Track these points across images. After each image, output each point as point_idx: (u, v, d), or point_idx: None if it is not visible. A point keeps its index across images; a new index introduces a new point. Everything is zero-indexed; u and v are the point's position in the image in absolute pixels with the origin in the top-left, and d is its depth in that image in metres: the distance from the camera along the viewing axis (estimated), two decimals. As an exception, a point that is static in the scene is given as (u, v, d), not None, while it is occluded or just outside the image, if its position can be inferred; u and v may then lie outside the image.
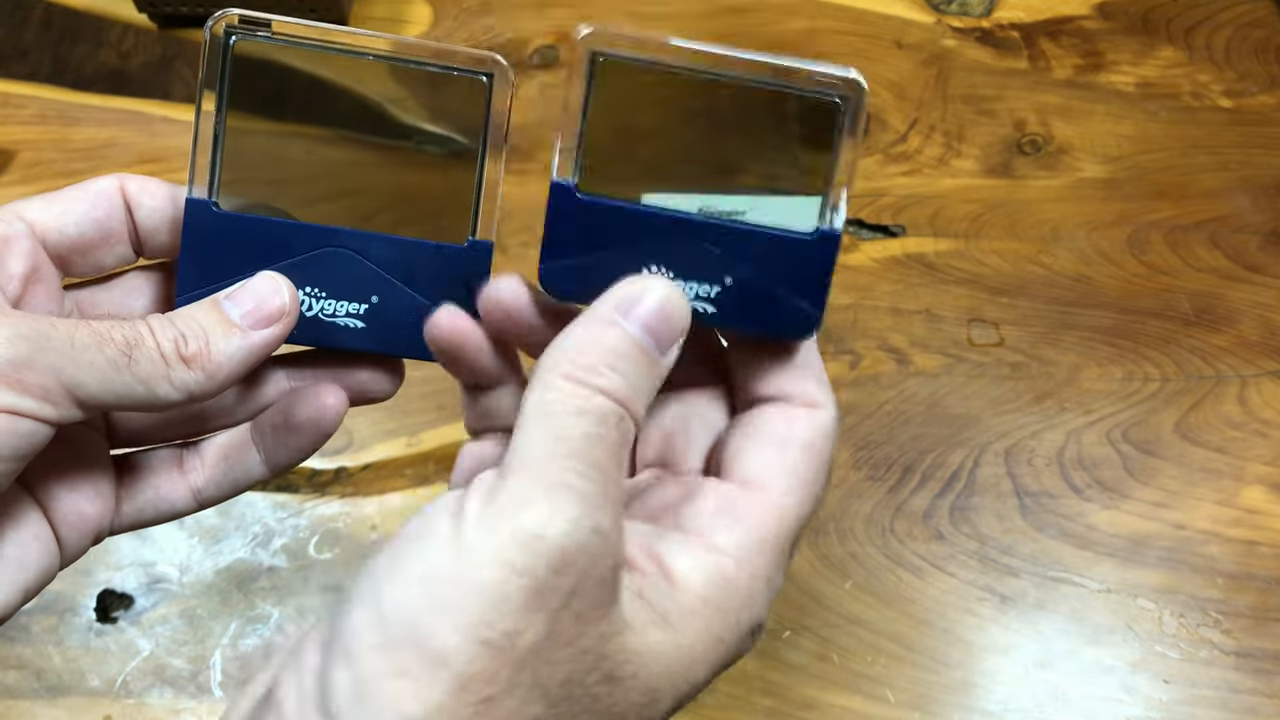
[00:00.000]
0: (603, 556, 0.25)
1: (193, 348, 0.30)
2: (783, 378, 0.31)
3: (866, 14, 0.76)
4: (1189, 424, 0.58)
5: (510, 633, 0.24)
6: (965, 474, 0.57)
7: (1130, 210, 0.66)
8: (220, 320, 0.31)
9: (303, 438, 0.34)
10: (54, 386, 0.28)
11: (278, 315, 0.31)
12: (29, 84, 0.73)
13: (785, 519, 0.30)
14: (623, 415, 0.27)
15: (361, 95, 0.33)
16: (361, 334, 0.33)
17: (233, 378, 0.31)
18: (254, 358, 0.31)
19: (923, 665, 0.51)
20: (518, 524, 0.25)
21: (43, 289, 0.32)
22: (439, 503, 0.27)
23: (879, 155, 0.69)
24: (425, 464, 0.58)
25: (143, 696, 0.52)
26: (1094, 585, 0.53)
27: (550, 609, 0.25)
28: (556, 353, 0.28)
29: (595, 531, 0.25)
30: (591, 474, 0.26)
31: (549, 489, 0.25)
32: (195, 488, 0.35)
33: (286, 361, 0.35)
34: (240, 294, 0.31)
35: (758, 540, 0.29)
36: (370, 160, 0.34)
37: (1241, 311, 0.62)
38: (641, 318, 0.28)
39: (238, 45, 0.32)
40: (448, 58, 0.32)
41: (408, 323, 0.33)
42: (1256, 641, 0.52)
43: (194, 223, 0.32)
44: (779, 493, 0.30)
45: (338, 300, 0.33)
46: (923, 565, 0.54)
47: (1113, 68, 0.72)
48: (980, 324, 0.62)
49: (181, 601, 0.54)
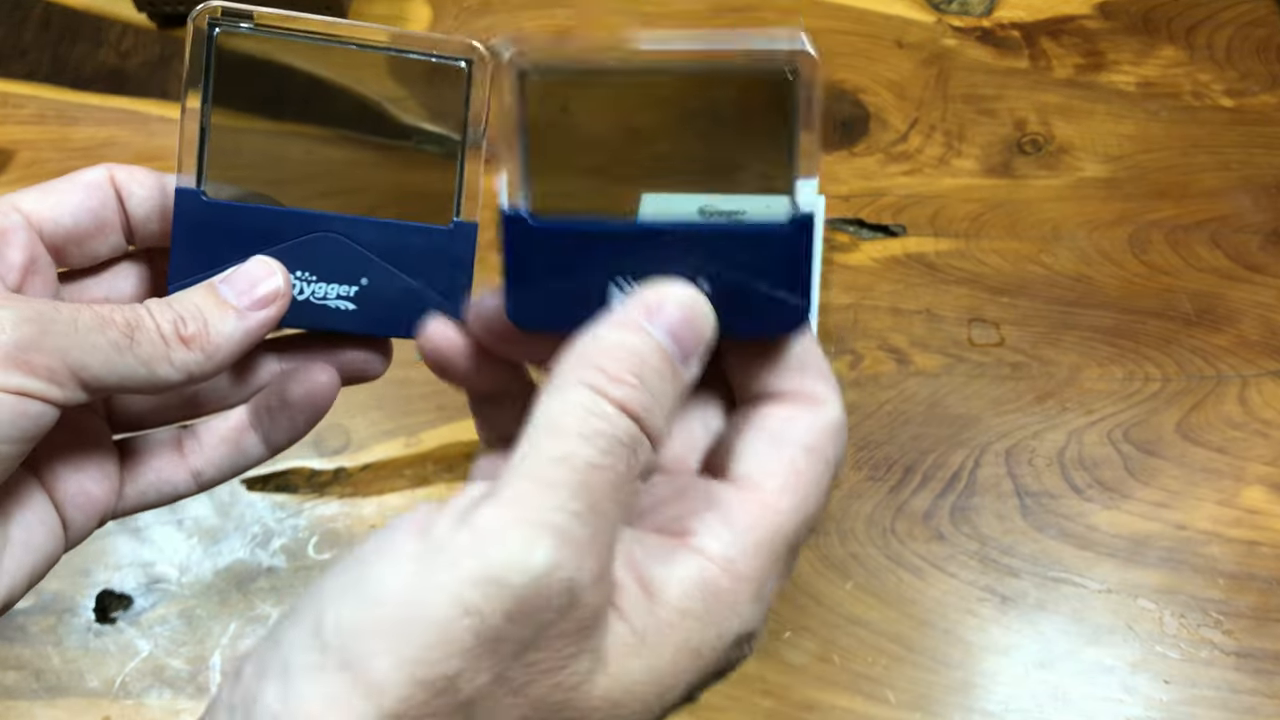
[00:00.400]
0: (574, 609, 0.23)
1: (192, 329, 0.30)
2: (780, 374, 0.29)
3: (867, 14, 0.76)
4: (1190, 424, 0.58)
5: (450, 676, 0.22)
6: (966, 474, 0.57)
7: (1131, 210, 0.66)
8: (217, 303, 0.31)
9: (298, 416, 0.34)
10: (60, 368, 0.28)
11: (272, 298, 0.32)
12: (28, 83, 0.73)
13: (780, 521, 0.27)
14: (638, 439, 0.25)
15: (346, 86, 0.33)
16: (352, 316, 0.34)
17: (230, 358, 0.31)
18: (251, 339, 0.32)
19: (923, 666, 0.51)
20: (483, 561, 0.23)
21: (40, 279, 0.32)
22: (407, 518, 0.25)
23: (879, 155, 0.69)
24: (424, 464, 0.58)
25: (141, 697, 0.52)
26: (1094, 585, 0.53)
27: (500, 655, 0.23)
28: (575, 356, 0.26)
29: (569, 586, 0.23)
30: (585, 516, 0.23)
31: (529, 527, 0.23)
32: (195, 469, 0.35)
33: (278, 345, 0.35)
34: (235, 278, 0.32)
35: (750, 544, 0.27)
36: (356, 148, 0.34)
37: (1242, 311, 0.62)
38: (666, 324, 0.26)
39: (221, 37, 0.32)
40: (429, 46, 0.33)
41: (397, 304, 0.34)
42: (1257, 642, 0.51)
43: (184, 211, 0.33)
44: (774, 492, 0.28)
45: (328, 283, 0.34)
46: (923, 566, 0.54)
47: (1114, 67, 0.72)
48: (981, 324, 0.62)
49: (180, 602, 0.54)
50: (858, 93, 0.72)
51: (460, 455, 0.59)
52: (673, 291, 0.27)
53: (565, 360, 0.26)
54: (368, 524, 0.56)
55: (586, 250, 0.29)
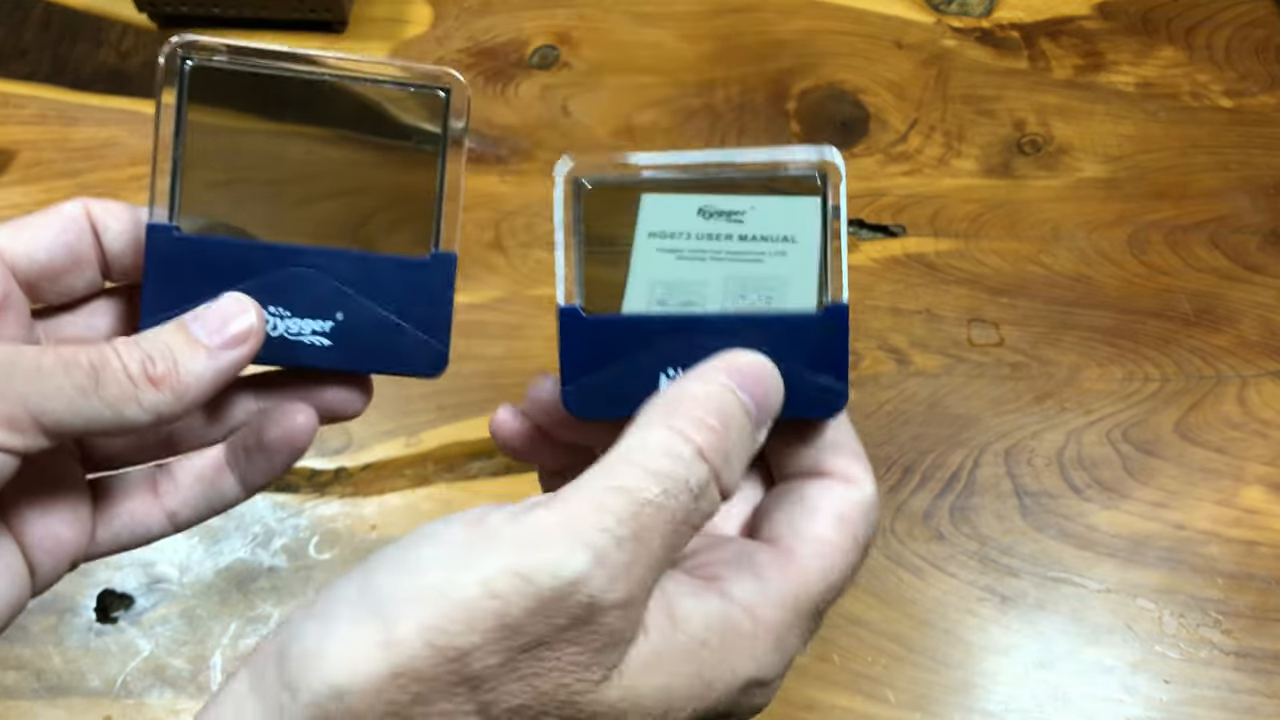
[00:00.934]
0: (591, 624, 0.25)
1: (160, 369, 0.30)
2: (818, 454, 0.31)
3: (866, 14, 0.76)
4: (1189, 424, 0.58)
5: (463, 650, 0.24)
6: (965, 474, 0.57)
7: (1130, 210, 0.66)
8: (187, 341, 0.31)
9: (275, 457, 0.34)
10: (21, 415, 0.28)
11: (245, 336, 0.31)
12: (28, 84, 0.73)
13: (808, 580, 0.29)
14: (706, 485, 0.26)
15: (323, 111, 0.33)
16: (328, 352, 0.33)
17: (201, 398, 0.30)
18: (222, 378, 0.31)
19: (923, 665, 0.51)
20: (521, 557, 0.25)
21: (13, 316, 0.31)
22: (464, 511, 0.27)
23: (879, 155, 0.69)
24: (425, 464, 0.58)
25: (143, 697, 0.52)
26: (1094, 585, 0.53)
27: (514, 644, 0.25)
28: (661, 402, 0.28)
29: (591, 603, 0.25)
30: (627, 544, 0.25)
31: (572, 538, 0.25)
32: (170, 510, 0.35)
33: (255, 383, 0.35)
34: (207, 315, 0.31)
35: (775, 595, 0.28)
36: (334, 176, 0.34)
37: (1241, 312, 0.62)
38: (748, 386, 0.28)
39: (193, 71, 0.32)
40: (407, 75, 0.32)
41: (374, 339, 0.33)
42: (1256, 641, 0.52)
43: (156, 247, 0.32)
44: (804, 555, 0.29)
45: (303, 319, 0.33)
46: (923, 566, 0.54)
47: (1113, 68, 0.72)
48: (980, 324, 0.62)
49: (181, 602, 0.54)
50: (857, 93, 0.72)
51: (460, 455, 0.59)
52: (753, 358, 0.29)
53: (650, 406, 0.28)
54: (368, 524, 0.56)
55: (637, 341, 0.31)
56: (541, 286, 0.64)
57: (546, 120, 0.71)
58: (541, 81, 0.73)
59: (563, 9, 0.77)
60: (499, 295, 0.63)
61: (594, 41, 0.75)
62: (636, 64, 0.74)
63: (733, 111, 0.72)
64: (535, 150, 0.70)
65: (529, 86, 0.73)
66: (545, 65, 0.74)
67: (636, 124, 0.71)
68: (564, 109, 0.72)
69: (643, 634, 0.27)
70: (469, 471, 0.58)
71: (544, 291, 0.64)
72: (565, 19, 0.76)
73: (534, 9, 0.77)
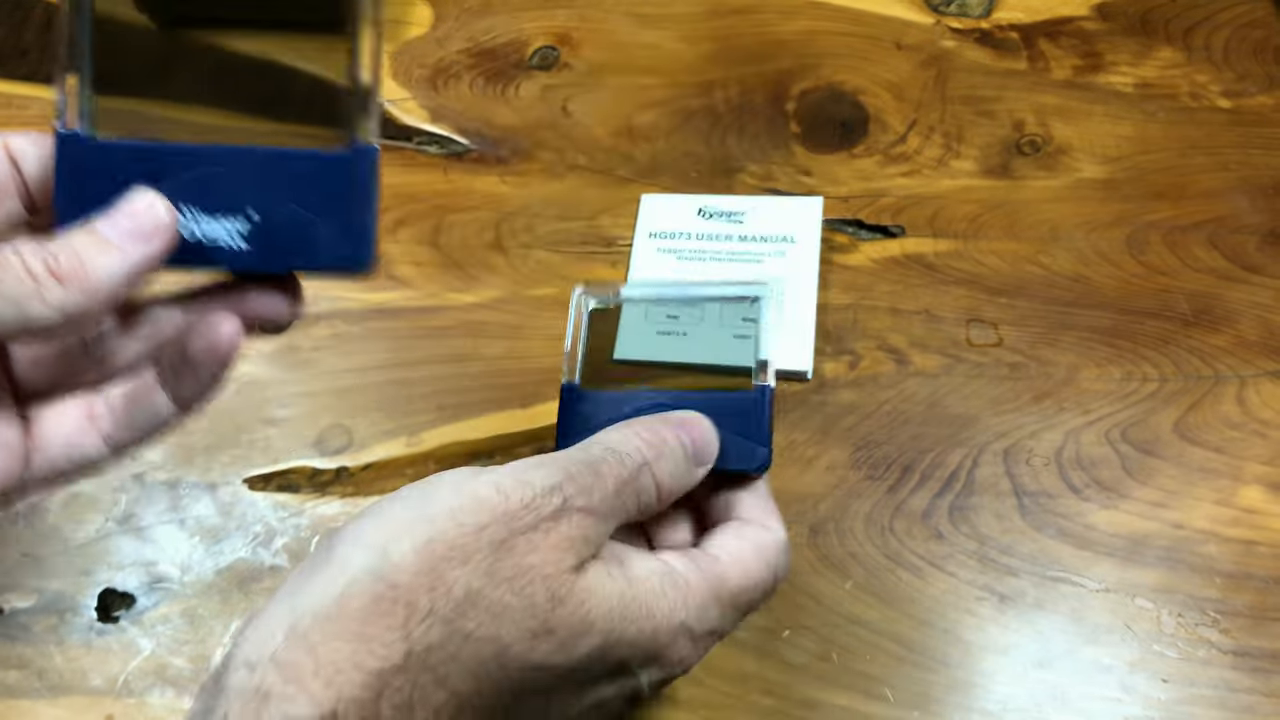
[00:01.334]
0: (564, 517, 0.33)
1: (66, 265, 0.29)
2: (742, 504, 0.40)
3: (865, 15, 0.76)
4: (1187, 424, 0.58)
5: (482, 524, 0.32)
6: (964, 474, 0.57)
7: (1129, 211, 0.66)
8: (95, 240, 0.30)
9: (202, 371, 0.33)
10: None
11: (154, 232, 0.31)
12: (29, 84, 0.73)
13: (728, 574, 0.37)
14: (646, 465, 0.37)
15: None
16: (245, 254, 0.32)
17: (113, 296, 0.30)
18: (134, 274, 0.31)
19: (922, 665, 0.52)
20: (515, 474, 0.34)
21: None
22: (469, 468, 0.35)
23: (878, 156, 0.69)
24: (425, 464, 0.58)
25: (144, 696, 0.52)
26: (1093, 585, 0.53)
27: (513, 528, 0.33)
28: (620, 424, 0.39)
29: (564, 504, 0.34)
30: (589, 474, 0.35)
31: (552, 464, 0.35)
32: (105, 433, 0.34)
33: (181, 298, 0.35)
34: (114, 214, 0.31)
35: (702, 573, 0.37)
36: (247, 65, 0.33)
37: (1240, 312, 0.62)
38: (687, 429, 0.39)
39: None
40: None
41: (291, 237, 0.32)
42: (1254, 641, 0.52)
43: (65, 155, 0.32)
44: (725, 561, 0.38)
45: (217, 219, 0.32)
46: (922, 565, 0.54)
47: (1111, 68, 0.73)
48: (979, 324, 0.62)
49: (183, 601, 0.54)
50: (856, 94, 0.72)
51: (460, 455, 0.59)
52: (697, 416, 0.39)
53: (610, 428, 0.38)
54: (369, 523, 0.57)
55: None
56: (541, 286, 0.64)
57: (547, 121, 0.71)
58: (542, 82, 0.73)
59: (563, 10, 0.77)
60: (499, 295, 0.63)
61: (594, 42, 0.75)
62: (636, 65, 0.74)
63: (732, 112, 0.72)
64: (536, 151, 0.70)
65: (529, 87, 0.73)
66: (545, 66, 0.74)
67: (636, 124, 0.71)
68: (564, 109, 0.72)
69: (603, 559, 0.35)
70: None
71: (544, 291, 0.64)
72: (565, 20, 0.77)
73: (534, 10, 0.77)
